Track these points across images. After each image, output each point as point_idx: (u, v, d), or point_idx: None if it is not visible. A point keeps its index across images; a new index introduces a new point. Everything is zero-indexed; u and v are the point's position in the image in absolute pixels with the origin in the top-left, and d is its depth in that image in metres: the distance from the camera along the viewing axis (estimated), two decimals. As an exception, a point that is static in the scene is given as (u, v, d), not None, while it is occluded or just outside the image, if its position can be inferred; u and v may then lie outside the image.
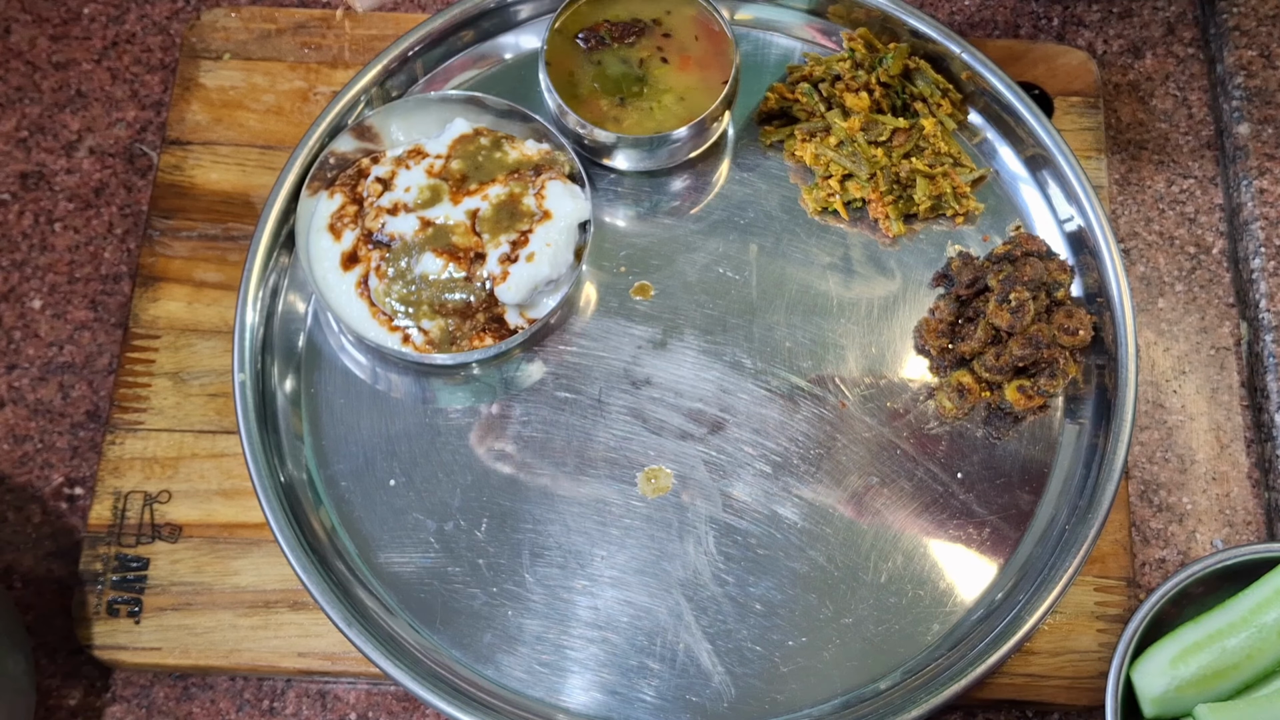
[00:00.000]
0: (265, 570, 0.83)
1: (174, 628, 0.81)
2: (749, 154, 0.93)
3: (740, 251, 0.90)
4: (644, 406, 0.86)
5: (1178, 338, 0.92)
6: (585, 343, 0.88)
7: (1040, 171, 0.91)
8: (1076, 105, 0.95)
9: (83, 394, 0.90)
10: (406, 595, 0.82)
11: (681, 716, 0.79)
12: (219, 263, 0.91)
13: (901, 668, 0.80)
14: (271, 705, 0.83)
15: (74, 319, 0.92)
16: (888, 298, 0.89)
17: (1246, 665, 0.74)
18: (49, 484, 0.88)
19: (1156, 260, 0.95)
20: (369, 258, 0.85)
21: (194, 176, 0.93)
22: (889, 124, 0.90)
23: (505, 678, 0.80)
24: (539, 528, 0.83)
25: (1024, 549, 0.83)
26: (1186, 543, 0.87)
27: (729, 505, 0.84)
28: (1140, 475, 0.88)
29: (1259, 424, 0.89)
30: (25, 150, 0.97)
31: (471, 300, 0.83)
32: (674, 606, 0.81)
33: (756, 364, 0.87)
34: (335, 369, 0.88)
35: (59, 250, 0.94)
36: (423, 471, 0.84)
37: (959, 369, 0.86)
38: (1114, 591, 0.83)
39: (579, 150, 0.89)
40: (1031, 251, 0.87)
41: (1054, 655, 0.82)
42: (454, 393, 0.87)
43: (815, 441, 0.85)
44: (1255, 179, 0.93)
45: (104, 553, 0.83)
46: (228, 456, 0.86)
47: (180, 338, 0.89)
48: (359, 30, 0.98)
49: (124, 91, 0.99)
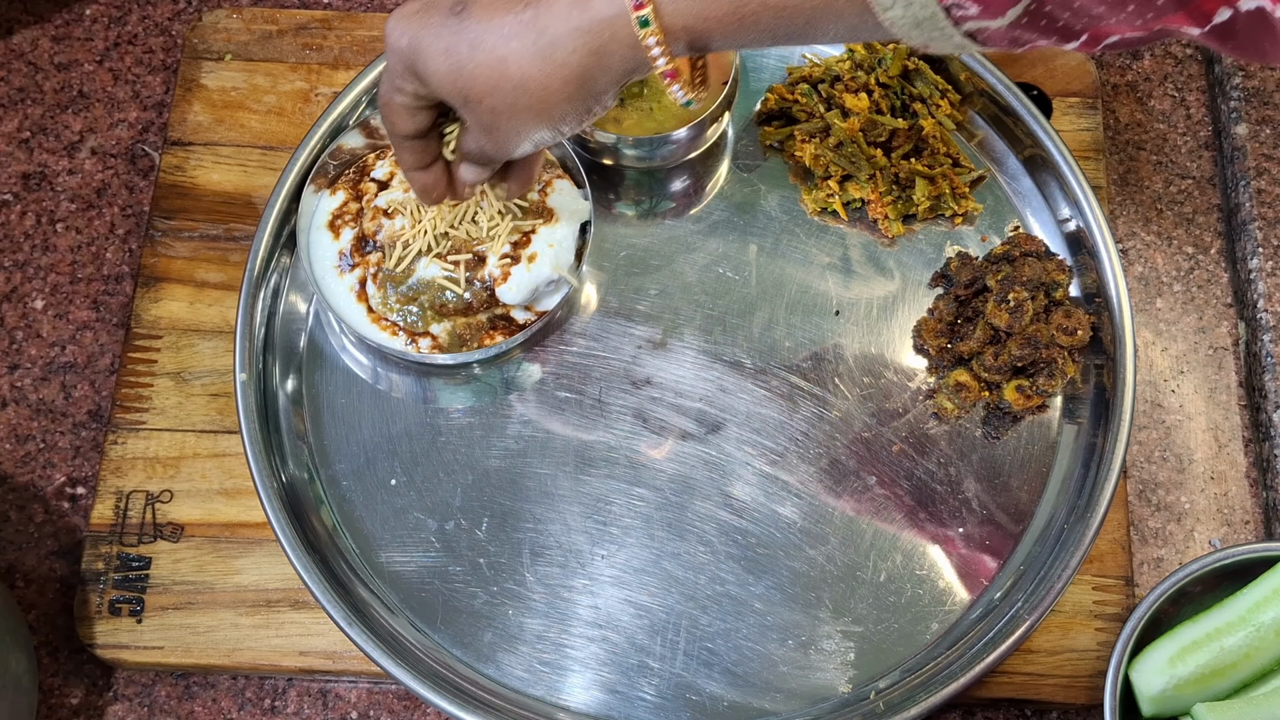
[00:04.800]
0: (266, 569, 0.83)
1: (176, 627, 0.82)
2: (749, 154, 0.93)
3: (740, 251, 0.90)
4: (644, 406, 0.86)
5: (1176, 338, 0.92)
6: (585, 343, 0.88)
7: (1039, 172, 0.92)
8: (1075, 106, 0.95)
9: (85, 394, 0.90)
10: (407, 594, 0.82)
11: (681, 715, 0.79)
12: (220, 263, 0.91)
13: (900, 666, 0.80)
14: (273, 704, 0.83)
15: (76, 319, 0.92)
16: (887, 298, 0.89)
17: (1244, 664, 0.74)
18: (51, 483, 0.88)
19: (1155, 260, 0.95)
20: (365, 262, 0.85)
21: (196, 177, 0.94)
22: (888, 124, 0.90)
23: (506, 676, 0.80)
24: (539, 527, 0.83)
25: (1022, 548, 0.83)
26: (1184, 542, 0.87)
27: (729, 505, 0.84)
28: (1138, 474, 0.89)
29: (1257, 423, 0.89)
30: (27, 151, 0.97)
31: (472, 301, 0.84)
32: (674, 605, 0.82)
33: (756, 364, 0.87)
34: (336, 369, 0.88)
35: (61, 250, 0.94)
36: (424, 471, 0.85)
37: (958, 369, 0.86)
38: (1112, 590, 0.83)
39: (579, 151, 0.89)
40: (1030, 252, 0.88)
41: (1052, 654, 0.82)
42: (455, 392, 0.87)
43: (815, 441, 0.85)
44: (1253, 179, 0.94)
45: (106, 552, 0.83)
46: (229, 456, 0.86)
47: (182, 338, 0.89)
48: (360, 31, 0.98)
49: (126, 92, 0.99)
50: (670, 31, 0.61)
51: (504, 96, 0.64)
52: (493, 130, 0.67)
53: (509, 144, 0.68)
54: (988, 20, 0.54)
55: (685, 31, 0.61)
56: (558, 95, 0.64)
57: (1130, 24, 0.53)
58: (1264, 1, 0.51)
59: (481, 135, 0.68)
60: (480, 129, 0.68)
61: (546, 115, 0.65)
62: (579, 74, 0.63)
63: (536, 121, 0.66)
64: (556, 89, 0.63)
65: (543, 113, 0.65)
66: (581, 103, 0.65)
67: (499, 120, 0.66)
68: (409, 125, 0.70)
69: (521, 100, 0.64)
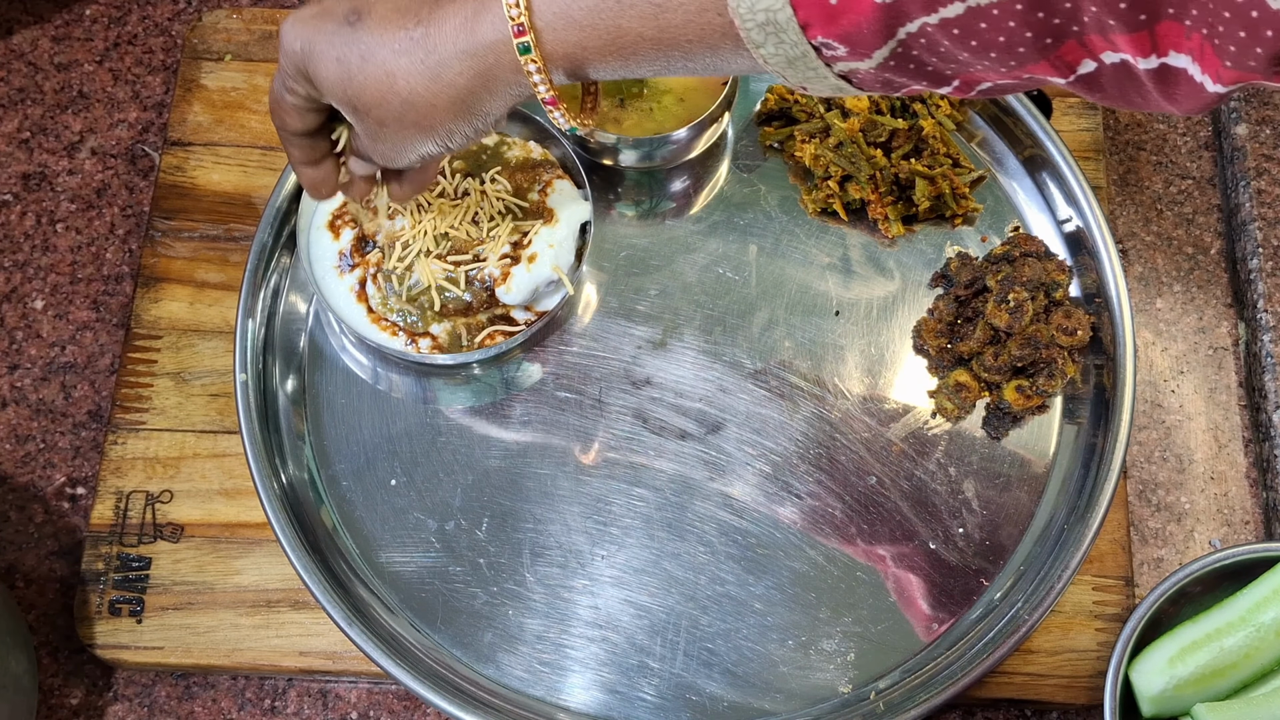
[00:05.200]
0: (267, 570, 0.83)
1: (176, 627, 0.82)
2: (749, 155, 0.94)
3: (740, 252, 0.90)
4: (644, 406, 0.86)
5: (1176, 338, 0.93)
6: (585, 343, 0.88)
7: (1039, 172, 0.92)
8: (1075, 106, 0.95)
9: (85, 394, 0.90)
10: (407, 594, 0.82)
11: (681, 715, 0.79)
12: (220, 263, 0.91)
13: (900, 667, 0.80)
14: (273, 704, 0.83)
15: (76, 319, 0.92)
16: (887, 298, 0.90)
17: (1244, 664, 0.74)
18: (51, 484, 0.88)
19: (1154, 260, 0.95)
20: (365, 263, 0.85)
21: (195, 177, 0.94)
22: (888, 125, 0.90)
23: (506, 677, 0.80)
24: (539, 527, 0.83)
25: (1022, 548, 0.83)
26: (1184, 542, 0.87)
27: (729, 505, 0.84)
28: (1138, 475, 0.89)
29: (1257, 424, 0.89)
30: (27, 151, 0.97)
31: (472, 301, 0.84)
32: (674, 606, 0.82)
33: (756, 364, 0.87)
34: (336, 369, 0.88)
35: (61, 251, 0.94)
36: (424, 471, 0.85)
37: (958, 369, 0.86)
38: (1112, 590, 0.83)
39: (579, 151, 0.89)
40: (1030, 252, 0.88)
41: (1052, 654, 0.82)
42: (455, 393, 0.87)
43: (814, 441, 0.85)
44: (1253, 180, 0.94)
45: (106, 552, 0.83)
46: (229, 456, 0.86)
47: (182, 338, 0.89)
48: (360, 31, 0.98)
49: (126, 92, 0.99)
50: (551, 58, 0.61)
51: (391, 110, 0.65)
52: (379, 140, 0.67)
53: (395, 154, 0.69)
54: (856, 61, 0.54)
55: (565, 59, 0.61)
56: (444, 114, 0.64)
57: (996, 71, 0.53)
58: (1127, 55, 0.50)
59: (369, 143, 0.69)
60: (368, 137, 0.68)
61: (431, 131, 0.66)
62: (465, 95, 0.63)
63: (422, 136, 0.66)
64: (442, 107, 0.64)
65: (428, 129, 0.65)
66: (467, 122, 0.65)
67: (386, 131, 0.66)
68: (298, 124, 0.71)
69: (408, 115, 0.65)
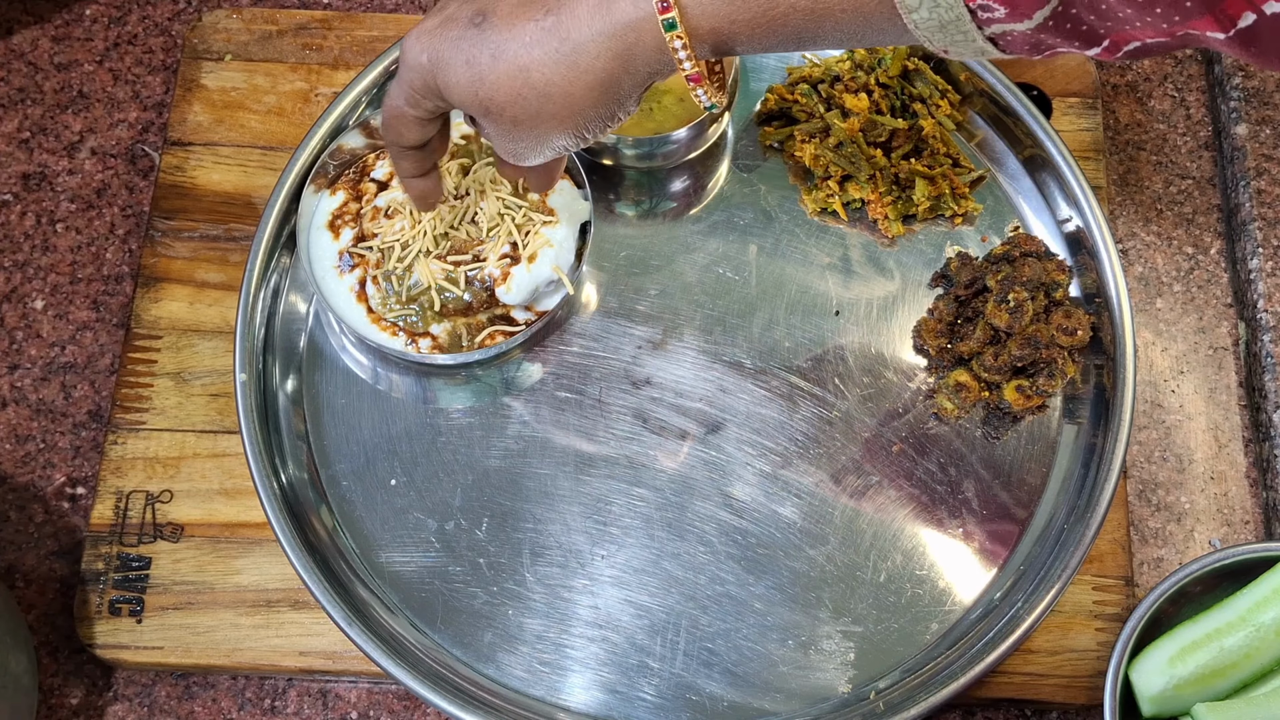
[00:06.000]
0: (266, 569, 0.83)
1: (176, 627, 0.82)
2: (748, 155, 0.94)
3: (740, 252, 0.90)
4: (644, 406, 0.86)
5: (1176, 338, 0.93)
6: (585, 343, 0.88)
7: (1039, 172, 0.92)
8: (1075, 106, 0.95)
9: (85, 394, 0.90)
10: (407, 594, 0.82)
11: (681, 715, 0.79)
12: (220, 263, 0.91)
13: (900, 666, 0.80)
14: (273, 704, 0.83)
15: (76, 319, 0.92)
16: (886, 298, 0.90)
17: (1244, 664, 0.74)
18: (51, 483, 0.88)
19: (1155, 260, 0.95)
20: (365, 263, 0.85)
21: (196, 177, 0.94)
22: (888, 125, 0.90)
23: (506, 676, 0.80)
24: (539, 527, 0.83)
25: (1022, 548, 0.83)
26: (1184, 542, 0.87)
27: (729, 505, 0.84)
28: (1138, 475, 0.89)
29: (1257, 424, 0.89)
30: (27, 151, 0.97)
31: (472, 301, 0.84)
32: (674, 605, 0.82)
33: (756, 364, 0.87)
34: (336, 369, 0.88)
35: (61, 251, 0.94)
36: (423, 471, 0.85)
37: (958, 369, 0.86)
38: (1112, 590, 0.83)
39: (579, 151, 0.89)
40: (1030, 252, 0.88)
41: (1052, 654, 0.82)
42: (455, 393, 0.87)
43: (814, 441, 0.85)
44: (1253, 180, 0.94)
45: (106, 552, 0.83)
46: (229, 456, 0.86)
47: (182, 338, 0.89)
48: (360, 31, 0.98)
49: (126, 92, 0.99)
50: (696, 34, 0.60)
51: (527, 105, 0.64)
52: (513, 139, 0.66)
53: (529, 152, 0.68)
54: (1014, 23, 0.53)
55: (712, 34, 0.60)
56: (582, 102, 0.63)
57: (1155, 28, 0.52)
58: None
59: (501, 144, 0.68)
60: (501, 138, 0.67)
61: (570, 122, 0.65)
62: (604, 79, 0.62)
63: (560, 129, 0.65)
64: (581, 95, 0.63)
65: (567, 120, 0.64)
66: (606, 108, 0.64)
67: (521, 129, 0.65)
68: (416, 137, 0.70)
69: (545, 108, 0.64)
